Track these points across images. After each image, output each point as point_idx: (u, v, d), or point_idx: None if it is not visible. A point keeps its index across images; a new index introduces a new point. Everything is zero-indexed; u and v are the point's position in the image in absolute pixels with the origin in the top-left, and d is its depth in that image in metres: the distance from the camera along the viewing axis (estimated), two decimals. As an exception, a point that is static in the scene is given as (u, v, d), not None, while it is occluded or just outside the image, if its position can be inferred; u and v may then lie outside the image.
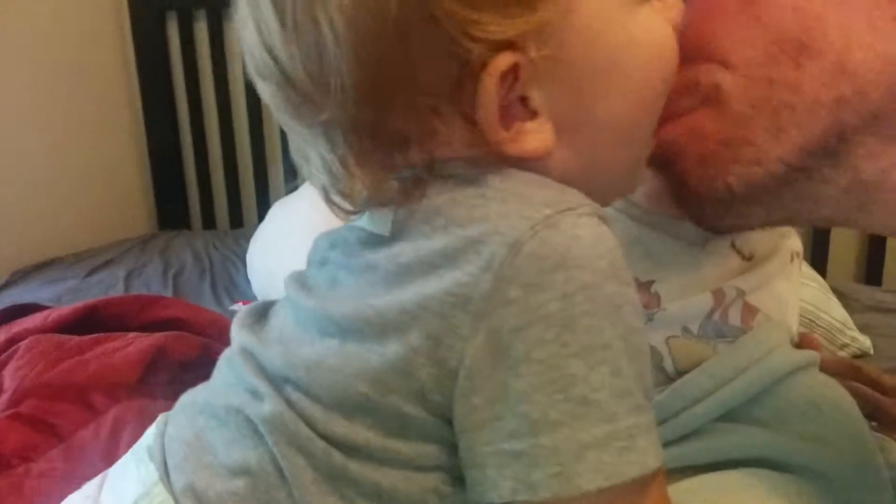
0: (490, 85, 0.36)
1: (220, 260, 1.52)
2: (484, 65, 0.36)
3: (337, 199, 0.41)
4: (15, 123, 1.59)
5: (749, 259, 0.82)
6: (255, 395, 0.42)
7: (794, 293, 0.85)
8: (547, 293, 0.35)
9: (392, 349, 0.37)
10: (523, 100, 0.38)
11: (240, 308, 1.25)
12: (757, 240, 0.84)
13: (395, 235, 0.39)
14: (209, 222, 1.84)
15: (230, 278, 1.44)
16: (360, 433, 0.39)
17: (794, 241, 0.89)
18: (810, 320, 1.06)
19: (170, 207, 1.83)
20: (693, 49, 0.48)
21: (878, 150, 0.48)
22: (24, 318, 0.89)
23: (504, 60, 0.36)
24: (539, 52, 0.37)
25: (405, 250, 0.38)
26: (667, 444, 0.64)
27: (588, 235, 0.36)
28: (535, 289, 0.35)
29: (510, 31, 0.36)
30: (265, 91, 0.41)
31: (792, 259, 0.86)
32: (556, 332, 0.35)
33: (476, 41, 0.36)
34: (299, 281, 0.45)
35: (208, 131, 1.77)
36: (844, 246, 1.39)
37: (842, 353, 1.07)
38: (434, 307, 0.36)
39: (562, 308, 0.35)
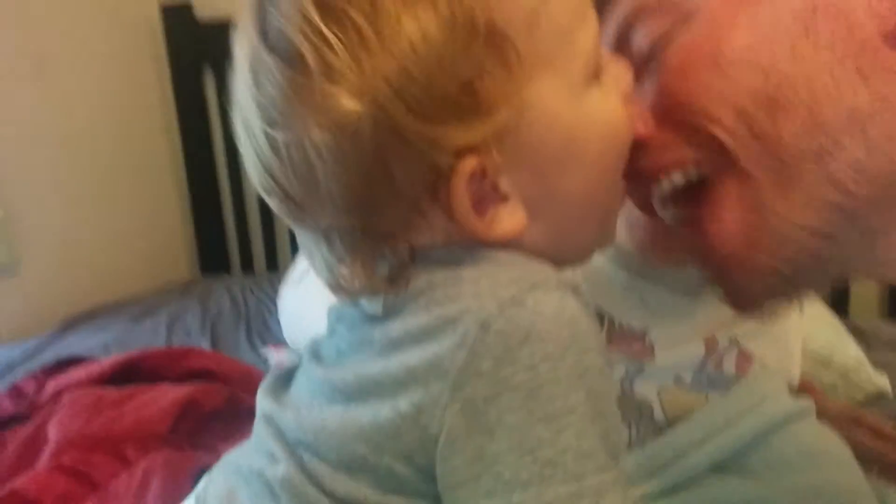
0: (460, 186, 0.41)
1: (256, 304, 1.58)
2: (453, 169, 0.41)
3: (337, 289, 0.46)
4: (63, 176, 1.67)
5: (747, 305, 0.83)
6: (272, 458, 0.47)
7: (795, 336, 0.86)
8: (515, 365, 0.39)
9: (383, 413, 0.42)
10: (494, 187, 0.43)
11: (270, 352, 1.31)
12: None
13: (387, 314, 0.44)
14: (247, 265, 1.91)
15: (264, 322, 1.50)
16: (360, 490, 0.43)
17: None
18: (823, 362, 1.06)
19: (210, 252, 1.91)
20: (675, 107, 0.52)
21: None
22: (70, 371, 0.96)
23: (469, 164, 0.41)
24: (500, 150, 0.41)
25: (395, 327, 0.43)
26: (657, 496, 0.66)
27: (550, 310, 0.40)
28: (504, 362, 0.39)
29: (471, 138, 0.40)
30: (271, 203, 0.45)
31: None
32: (523, 401, 0.39)
33: (442, 151, 0.40)
34: (313, 349, 0.51)
35: (245, 179, 1.85)
36: (866, 281, 1.38)
37: (857, 395, 1.07)
38: (419, 376, 0.41)
39: (528, 378, 0.39)
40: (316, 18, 0.39)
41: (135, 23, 1.84)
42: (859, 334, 1.23)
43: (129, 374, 0.93)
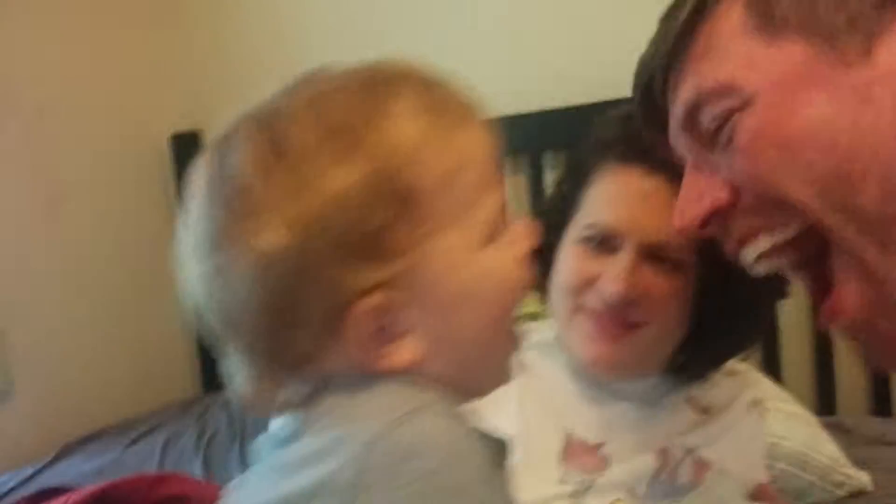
0: (359, 320, 0.46)
1: (253, 423, 1.59)
2: (354, 305, 0.45)
3: (253, 406, 0.50)
4: (60, 297, 1.71)
5: (705, 412, 0.85)
6: None
7: (758, 440, 0.87)
8: (396, 481, 0.43)
9: None
10: (395, 323, 0.47)
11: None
12: (715, 392, 0.87)
13: (296, 435, 0.49)
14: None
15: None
16: None
17: (754, 390, 0.91)
18: (800, 462, 1.06)
19: (212, 371, 1.94)
20: (754, 187, 0.54)
21: None
22: (50, 502, 0.98)
23: (370, 301, 0.46)
24: (401, 292, 0.46)
25: (300, 447, 0.48)
26: None
27: (431, 431, 0.45)
28: (387, 478, 0.43)
29: (374, 279, 0.45)
30: (205, 318, 0.50)
31: (749, 410, 0.88)
32: None
33: (347, 288, 0.45)
34: (243, 477, 0.54)
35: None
36: (852, 377, 1.38)
37: (838, 492, 1.06)
38: (314, 495, 0.45)
39: (408, 493, 0.43)
40: (264, 159, 0.45)
41: (145, 150, 1.95)
42: (844, 431, 1.22)
43: (105, 501, 0.95)
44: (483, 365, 0.52)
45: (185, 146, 1.91)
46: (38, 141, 1.71)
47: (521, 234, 0.52)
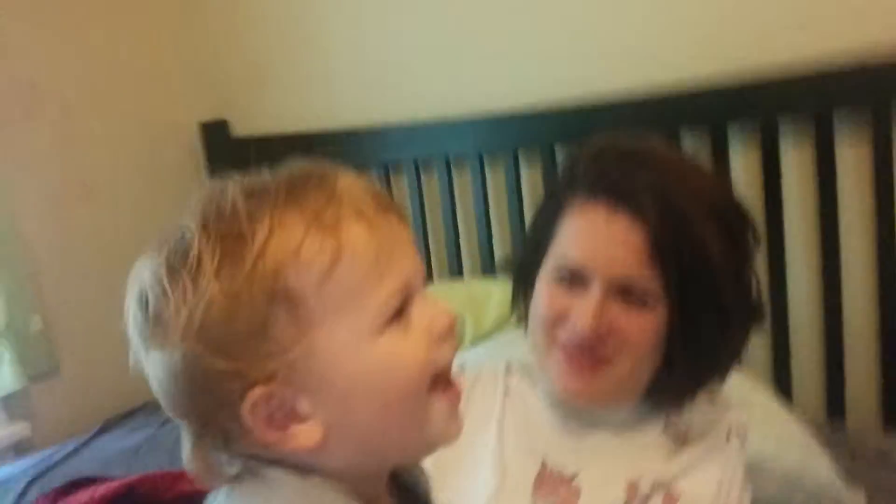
0: (248, 410, 0.50)
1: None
2: (243, 396, 0.49)
3: (197, 474, 0.54)
4: (99, 277, 1.81)
5: (682, 441, 0.86)
6: None
7: (732, 471, 0.88)
8: None
9: None
10: (293, 409, 0.51)
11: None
12: (693, 419, 0.88)
13: None
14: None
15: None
16: None
17: (738, 414, 0.91)
18: (794, 483, 1.05)
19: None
20: None
21: None
22: (78, 493, 1.06)
23: (256, 393, 0.49)
24: (290, 382, 0.50)
25: None
26: None
27: None
28: None
29: (260, 372, 0.49)
30: None
31: (728, 437, 0.89)
32: None
33: (234, 381, 0.49)
34: None
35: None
36: (862, 383, 1.37)
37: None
38: None
39: None
40: (162, 276, 0.50)
41: (176, 139, 2.02)
42: (848, 447, 1.22)
43: (131, 496, 1.02)
44: (392, 444, 0.54)
45: (213, 134, 2.01)
46: (70, 136, 1.79)
47: (434, 317, 0.53)
